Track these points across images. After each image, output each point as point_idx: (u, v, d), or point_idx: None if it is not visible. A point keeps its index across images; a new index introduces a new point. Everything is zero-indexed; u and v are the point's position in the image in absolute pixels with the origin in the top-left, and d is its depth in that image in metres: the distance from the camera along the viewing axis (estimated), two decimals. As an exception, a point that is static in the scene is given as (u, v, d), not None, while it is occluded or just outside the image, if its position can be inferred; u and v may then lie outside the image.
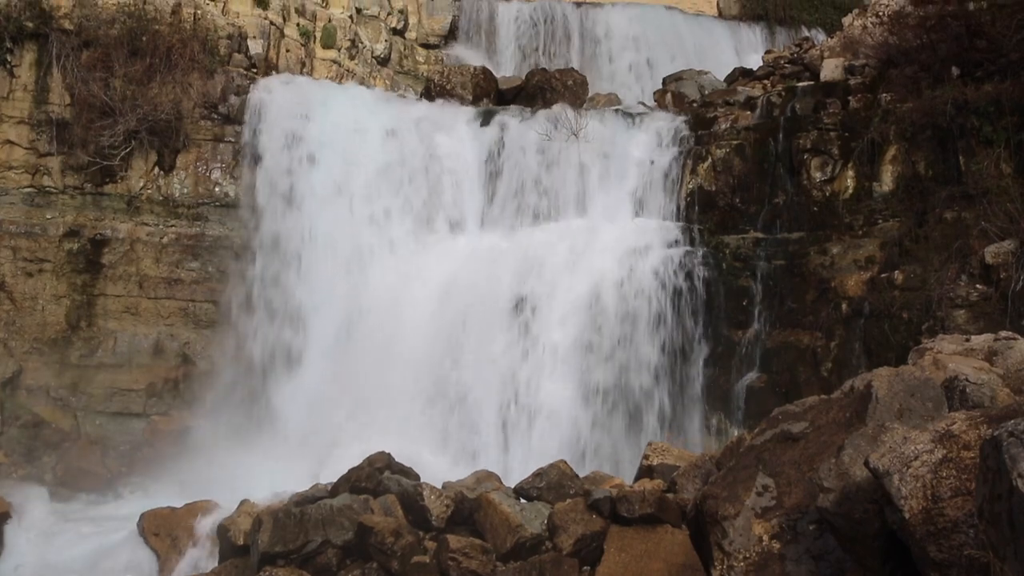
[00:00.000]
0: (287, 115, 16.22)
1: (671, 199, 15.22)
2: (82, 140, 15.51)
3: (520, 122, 16.16)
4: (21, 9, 15.45)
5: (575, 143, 15.73)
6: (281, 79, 17.15)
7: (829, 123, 14.21)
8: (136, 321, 15.65)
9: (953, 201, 12.65)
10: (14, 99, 15.61)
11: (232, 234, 15.87)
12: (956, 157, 12.95)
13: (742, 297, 14.23)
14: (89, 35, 15.73)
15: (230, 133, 16.17)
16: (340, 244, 15.72)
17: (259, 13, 18.50)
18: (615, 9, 24.37)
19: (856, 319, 13.10)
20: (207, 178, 16.03)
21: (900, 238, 13.08)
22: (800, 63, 16.75)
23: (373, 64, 21.53)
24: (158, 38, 15.95)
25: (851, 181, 13.94)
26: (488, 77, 19.78)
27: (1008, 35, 12.40)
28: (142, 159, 15.85)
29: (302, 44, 19.66)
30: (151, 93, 15.73)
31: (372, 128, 16.35)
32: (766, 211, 14.53)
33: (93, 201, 15.80)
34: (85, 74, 15.51)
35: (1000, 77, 12.63)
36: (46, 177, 15.70)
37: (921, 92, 13.30)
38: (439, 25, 23.26)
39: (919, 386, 7.08)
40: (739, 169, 14.77)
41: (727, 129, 15.23)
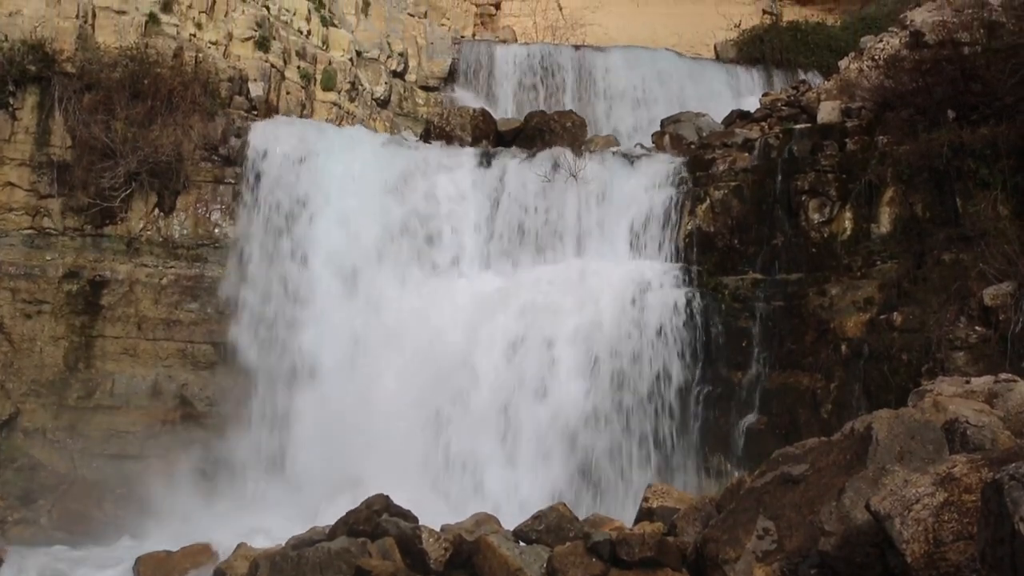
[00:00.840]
0: (287, 156, 16.28)
1: (670, 240, 15.26)
2: (83, 182, 15.55)
3: (519, 163, 16.23)
4: (24, 53, 15.53)
5: (574, 184, 15.81)
6: (281, 121, 17.26)
7: (827, 165, 14.28)
8: (134, 363, 15.61)
9: (951, 243, 12.69)
10: (15, 142, 15.67)
11: (232, 275, 15.86)
12: (953, 199, 13.00)
13: (741, 338, 14.21)
14: (91, 78, 15.81)
15: (230, 175, 16.23)
16: (339, 284, 15.72)
17: (260, 56, 18.65)
18: (613, 52, 24.59)
19: (856, 361, 13.07)
20: (207, 219, 16.07)
21: (899, 280, 13.09)
22: (797, 106, 16.86)
23: (373, 106, 21.69)
24: (160, 81, 16.05)
25: (849, 223, 13.99)
26: (487, 119, 19.89)
27: (1003, 79, 12.50)
28: (142, 200, 15.89)
29: (303, 86, 19.81)
30: (152, 135, 15.81)
31: (371, 169, 16.42)
32: (765, 252, 14.56)
33: (93, 243, 15.81)
34: (86, 117, 15.58)
35: (996, 120, 12.72)
36: (46, 219, 15.73)
37: (917, 135, 13.39)
38: (439, 68, 23.46)
39: (919, 428, 7.07)
40: (737, 210, 14.82)
41: (725, 171, 15.31)
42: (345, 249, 15.75)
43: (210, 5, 18.10)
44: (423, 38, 23.69)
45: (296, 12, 20.41)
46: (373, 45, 22.12)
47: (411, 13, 24.74)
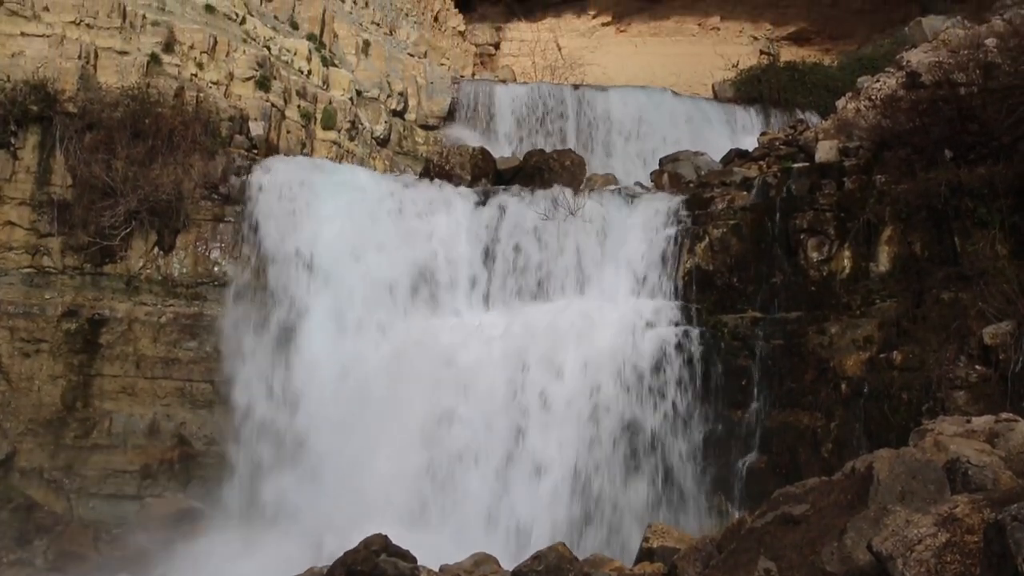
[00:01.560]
0: (287, 194, 16.32)
1: (669, 278, 15.27)
2: (83, 221, 15.59)
3: (519, 202, 16.28)
4: (26, 93, 15.62)
5: (573, 223, 15.84)
6: (281, 160, 17.32)
7: (825, 204, 14.32)
8: (132, 401, 15.56)
9: (950, 282, 12.70)
10: (16, 181, 15.73)
11: (230, 313, 15.84)
12: (952, 238, 13.02)
13: (741, 377, 14.19)
14: (92, 118, 15.90)
15: (230, 213, 16.27)
16: (338, 322, 15.70)
17: (261, 96, 18.76)
18: (612, 92, 24.76)
19: (856, 399, 13.04)
20: (206, 258, 16.08)
21: (898, 318, 13.08)
22: (795, 145, 16.93)
23: (373, 145, 21.80)
24: (160, 120, 16.14)
25: (848, 261, 14.00)
26: (486, 157, 20.00)
27: (999, 119, 12.56)
28: (142, 239, 15.92)
29: (303, 125, 19.91)
30: (152, 174, 15.86)
31: (371, 208, 16.45)
32: (764, 291, 14.57)
33: (92, 281, 15.82)
34: (87, 156, 15.66)
35: (993, 160, 12.76)
36: (46, 257, 15.74)
37: (915, 174, 13.43)
38: (438, 107, 23.61)
39: (921, 468, 7.03)
40: (736, 249, 14.84)
41: (724, 209, 15.35)
42: (340, 289, 15.73)
43: (211, 45, 18.23)
44: (423, 78, 23.85)
45: (297, 52, 20.57)
46: (373, 84, 22.27)
47: (411, 53, 24.96)
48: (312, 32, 21.57)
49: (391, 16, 25.98)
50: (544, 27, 35.15)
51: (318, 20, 21.82)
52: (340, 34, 22.72)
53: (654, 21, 36.13)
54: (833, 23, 35.73)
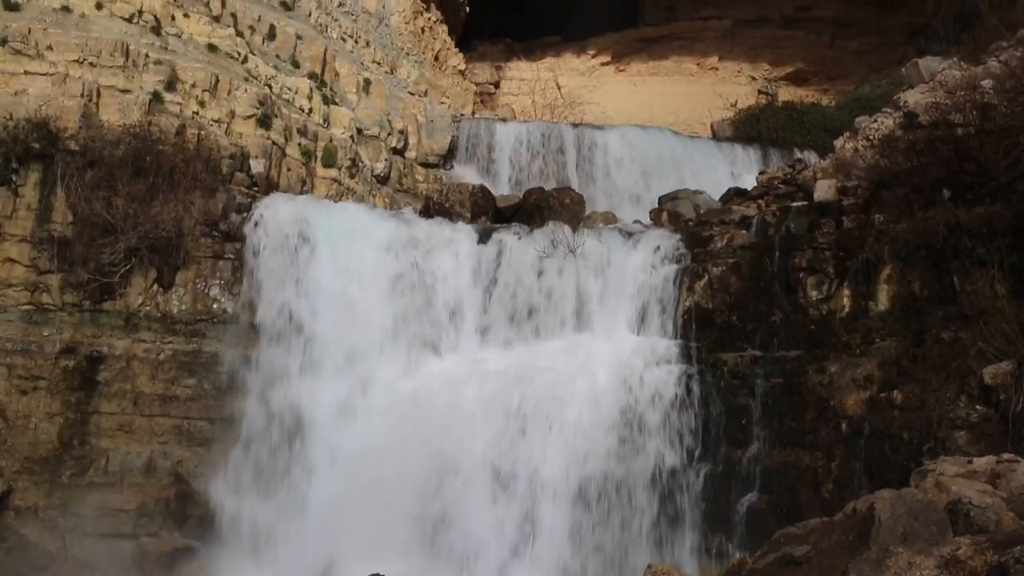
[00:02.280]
0: (287, 233, 16.35)
1: (669, 316, 15.27)
2: (83, 258, 15.59)
3: (518, 239, 16.32)
4: (28, 131, 15.68)
5: (573, 261, 15.87)
6: (282, 197, 17.37)
7: (824, 242, 14.36)
8: (129, 439, 15.47)
9: (949, 321, 12.71)
10: (17, 218, 15.73)
11: (229, 350, 15.82)
12: (951, 277, 13.04)
13: (741, 415, 14.16)
14: (94, 155, 15.94)
15: (230, 250, 16.29)
16: (336, 360, 15.68)
17: (262, 133, 18.85)
18: (612, 130, 24.88)
19: (856, 439, 13.00)
20: (206, 295, 16.09)
21: (898, 357, 13.07)
22: (794, 184, 17.00)
23: (373, 182, 21.87)
24: (162, 158, 16.20)
25: (847, 300, 14.01)
26: (486, 195, 20.10)
27: (996, 159, 12.63)
28: (142, 276, 15.92)
29: (303, 163, 19.99)
30: (153, 211, 15.90)
31: (371, 245, 16.50)
32: (763, 329, 14.56)
33: (91, 318, 15.78)
34: (88, 193, 15.69)
35: (990, 200, 12.82)
36: (45, 295, 15.72)
37: (913, 213, 13.49)
38: (438, 145, 23.71)
39: (922, 509, 7.00)
40: (736, 287, 14.86)
41: (723, 247, 15.38)
42: (337, 326, 15.73)
43: (213, 84, 18.35)
44: (423, 116, 23.98)
45: (298, 91, 20.70)
46: (374, 123, 22.38)
47: (411, 92, 25.11)
48: (313, 71, 21.72)
49: (392, 55, 26.17)
50: (544, 66, 35.43)
51: (319, 59, 21.98)
52: (341, 73, 22.87)
53: (653, 61, 36.43)
54: (830, 64, 36.04)
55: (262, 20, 21.25)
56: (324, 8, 24.01)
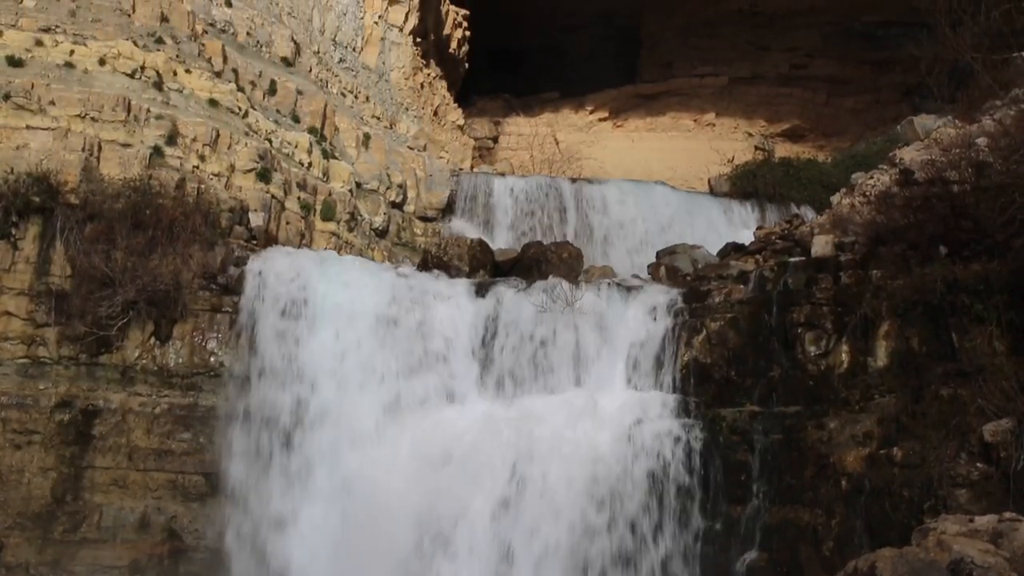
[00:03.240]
0: (285, 285, 16.37)
1: (667, 371, 15.23)
2: (80, 311, 15.57)
3: (516, 293, 16.31)
4: (29, 185, 15.76)
5: (571, 315, 15.85)
6: (280, 251, 17.42)
7: (822, 298, 14.37)
8: (123, 494, 15.33)
9: (948, 378, 12.68)
10: (15, 271, 15.75)
11: (225, 404, 15.75)
12: (949, 334, 13.03)
13: (740, 472, 14.05)
14: (94, 209, 16.01)
15: (228, 303, 16.29)
16: (334, 413, 15.60)
17: (261, 187, 18.95)
18: (609, 185, 25.04)
19: (856, 496, 12.90)
20: (203, 348, 16.06)
21: (897, 414, 13.02)
22: (791, 239, 17.06)
23: (371, 236, 21.94)
24: (161, 211, 16.27)
25: (846, 356, 13.98)
26: (484, 249, 20.12)
27: (992, 217, 12.68)
28: (139, 329, 15.89)
29: (302, 216, 20.07)
30: (151, 264, 15.92)
31: (368, 299, 16.48)
32: (762, 384, 14.51)
33: (87, 372, 15.72)
34: (87, 246, 15.72)
35: (987, 257, 12.85)
36: (41, 348, 15.68)
37: (911, 269, 13.51)
38: (437, 199, 23.83)
39: (924, 568, 6.95)
40: (734, 342, 14.84)
41: (721, 302, 15.38)
42: (332, 380, 15.69)
43: (214, 138, 18.49)
44: (422, 170, 24.14)
45: (298, 145, 20.85)
46: (373, 177, 22.51)
47: (411, 146, 25.32)
48: (313, 125, 21.90)
49: (391, 110, 26.42)
50: (542, 122, 35.78)
51: (319, 114, 22.17)
52: (341, 127, 23.06)
53: (650, 117, 36.83)
54: (826, 121, 36.45)
55: (263, 76, 21.48)
56: (325, 64, 24.29)
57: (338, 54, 25.41)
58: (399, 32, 27.33)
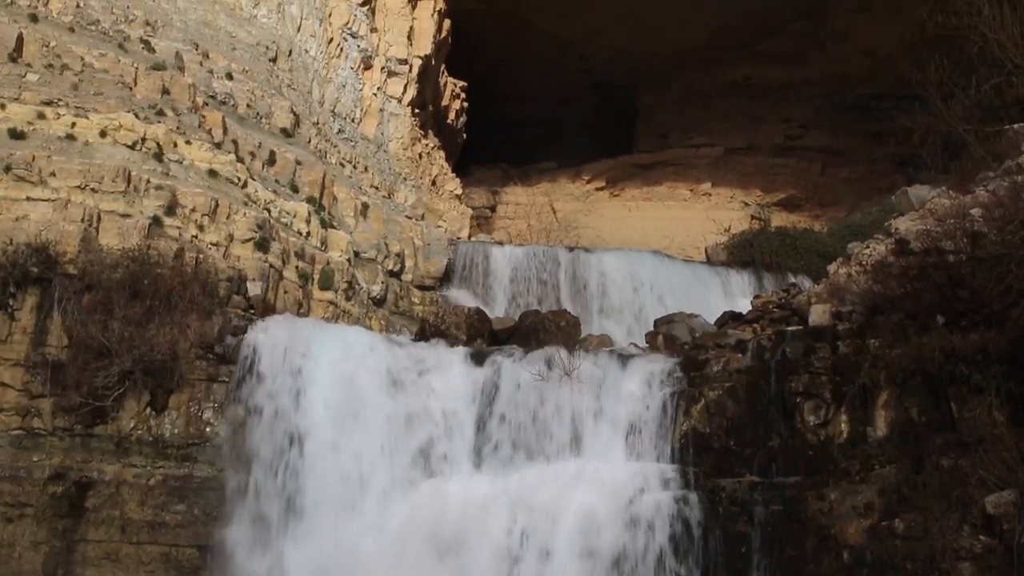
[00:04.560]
0: (283, 355, 16.32)
1: (665, 441, 15.15)
2: (76, 381, 15.47)
3: (514, 362, 16.28)
4: (28, 256, 15.78)
5: (568, 384, 15.80)
6: (277, 320, 17.38)
7: (820, 367, 14.36)
8: (116, 568, 15.05)
9: (949, 448, 12.63)
10: (12, 342, 15.69)
11: (221, 475, 15.60)
12: (948, 404, 13.02)
13: (740, 544, 13.90)
14: (92, 279, 16.01)
15: (224, 373, 16.21)
16: (332, 487, 15.44)
17: (259, 256, 19.01)
18: (606, 254, 25.15)
19: (859, 569, 12.77)
20: (199, 418, 15.94)
21: (898, 485, 12.93)
22: (788, 308, 17.09)
23: (369, 305, 21.95)
24: (160, 281, 16.28)
25: (845, 426, 13.94)
26: (482, 318, 20.14)
27: (989, 287, 12.74)
28: (135, 399, 15.78)
29: (300, 286, 20.10)
30: (148, 334, 15.87)
31: (366, 368, 16.44)
32: (761, 454, 14.43)
33: (82, 443, 15.56)
34: (85, 316, 15.69)
35: (985, 326, 12.89)
36: (36, 419, 15.55)
37: (909, 339, 13.53)
38: (435, 268, 23.90)
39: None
40: (732, 411, 14.78)
41: (719, 371, 15.37)
42: (330, 451, 15.57)
43: (213, 208, 18.59)
44: (420, 239, 24.25)
45: (296, 214, 20.96)
46: (371, 246, 22.60)
47: (409, 215, 25.47)
48: (312, 195, 22.04)
49: (390, 180, 26.63)
50: (539, 191, 36.08)
51: (318, 184, 22.33)
52: (339, 197, 23.22)
53: (647, 186, 37.16)
54: (822, 191, 36.80)
55: (262, 146, 21.68)
56: (324, 135, 24.54)
57: (337, 125, 25.69)
58: (398, 103, 27.67)
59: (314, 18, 25.77)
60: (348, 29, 26.47)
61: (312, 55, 25.57)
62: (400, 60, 27.61)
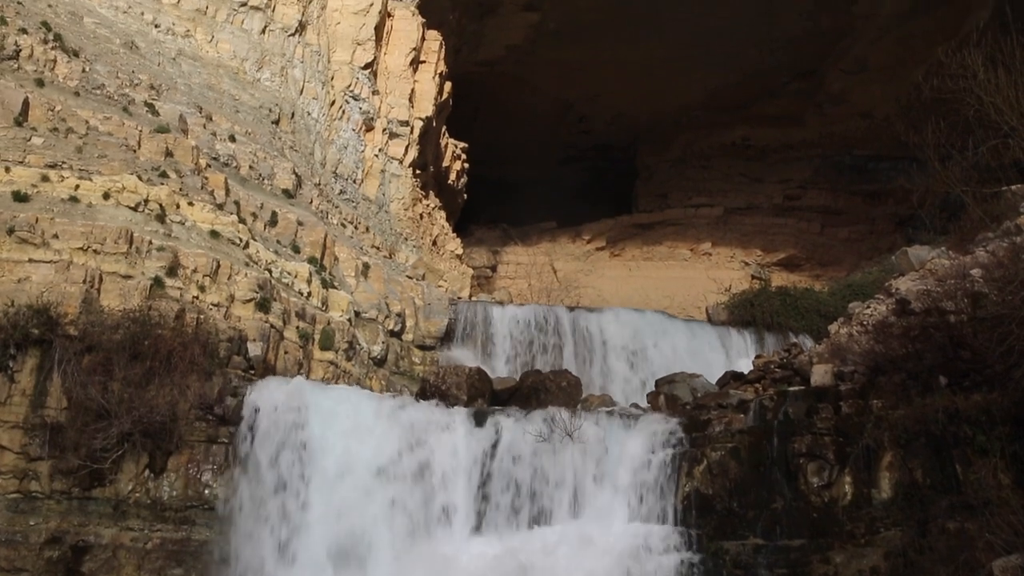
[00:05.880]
0: (282, 416, 16.24)
1: (668, 502, 15.03)
2: (75, 443, 15.35)
3: (515, 423, 16.21)
4: (29, 317, 15.75)
5: (570, 444, 15.72)
6: (277, 380, 17.32)
7: (823, 428, 14.31)
8: (112, 634, 14.90)
9: (955, 511, 12.54)
10: (11, 404, 15.60)
11: (219, 538, 15.43)
12: (953, 465, 12.96)
13: (745, 609, 13.72)
14: (92, 340, 15.97)
15: (224, 434, 16.11)
16: (333, 547, 15.28)
17: (260, 317, 19.00)
18: (607, 313, 25.17)
19: (867, 635, 12.58)
20: (197, 480, 15.81)
21: (904, 548, 12.81)
22: (790, 368, 17.07)
23: (370, 365, 21.90)
24: (160, 342, 16.23)
25: (849, 487, 13.85)
26: (483, 378, 20.08)
27: (990, 347, 12.73)
28: (133, 462, 15.65)
29: (301, 346, 20.06)
30: (148, 395, 15.80)
31: (366, 430, 16.36)
32: (765, 516, 14.31)
33: (79, 506, 15.40)
34: (84, 378, 15.62)
35: (987, 387, 12.87)
36: (34, 482, 15.41)
37: (911, 399, 13.50)
38: (435, 327, 23.88)
39: None
40: (735, 472, 14.69)
41: (721, 432, 15.31)
42: (329, 513, 15.43)
43: (214, 269, 18.63)
44: (421, 299, 24.26)
45: (297, 275, 21.00)
46: (371, 306, 22.61)
47: (409, 275, 25.51)
48: (313, 255, 22.11)
49: (391, 240, 26.74)
50: (540, 251, 36.24)
51: (319, 244, 22.41)
52: (340, 257, 23.29)
53: (647, 246, 37.35)
54: (821, 250, 37.00)
55: (264, 207, 21.80)
56: (326, 195, 24.70)
57: (339, 186, 25.87)
58: (399, 164, 27.90)
59: (317, 81, 26.09)
60: (350, 91, 26.80)
61: (314, 117, 25.84)
62: (402, 122, 27.89)
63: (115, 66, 21.71)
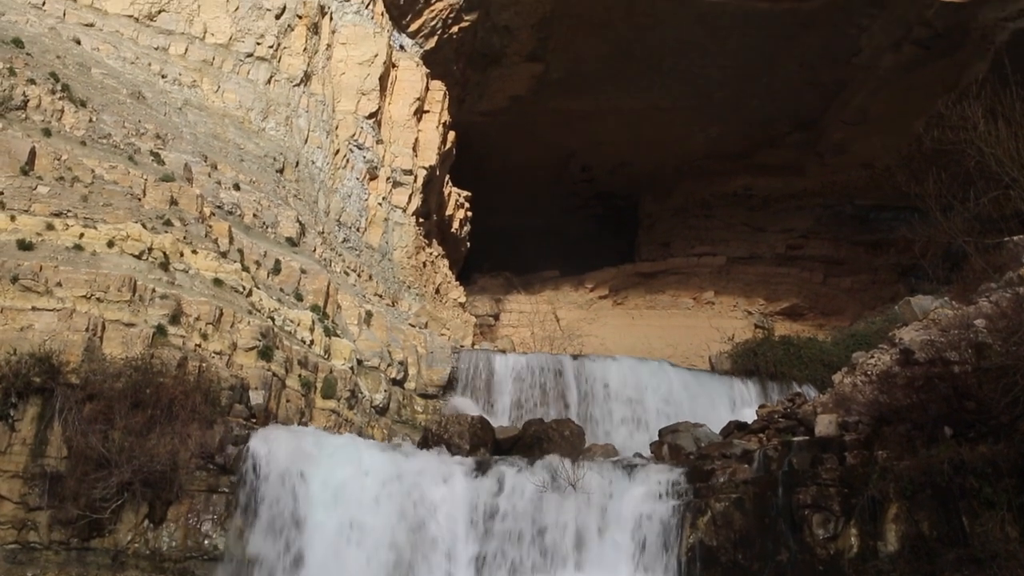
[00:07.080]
0: (284, 466, 16.15)
1: (672, 553, 14.90)
2: (74, 493, 15.22)
3: (517, 472, 16.13)
4: (31, 366, 15.72)
5: (572, 494, 15.62)
6: (279, 429, 17.25)
7: (828, 479, 14.21)
8: None
9: (962, 564, 12.40)
10: (11, 453, 15.48)
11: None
12: (959, 518, 12.84)
13: (752, 665, 13.53)
14: (94, 389, 15.91)
15: (224, 483, 16.00)
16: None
17: (262, 365, 18.96)
18: (611, 362, 25.11)
19: None
20: (197, 530, 15.67)
21: (912, 602, 12.67)
22: (794, 417, 17.00)
23: (372, 413, 21.82)
24: (161, 390, 16.17)
25: (855, 539, 13.71)
26: (485, 427, 19.98)
27: (995, 398, 12.70)
28: (133, 511, 15.52)
29: (303, 394, 20.00)
30: (149, 444, 15.70)
31: (368, 479, 16.26)
32: (770, 568, 14.17)
33: (77, 557, 15.23)
34: (85, 427, 15.53)
35: (993, 438, 12.80)
36: (32, 532, 15.26)
37: (917, 450, 13.43)
38: (438, 376, 23.83)
39: None
40: (739, 523, 14.56)
41: (725, 482, 15.20)
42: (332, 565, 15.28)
43: (217, 317, 18.63)
44: (423, 347, 24.23)
45: (300, 323, 21.00)
46: (374, 354, 22.58)
47: (412, 324, 25.50)
48: (316, 304, 22.12)
49: (394, 288, 26.76)
50: (543, 299, 36.26)
51: (323, 292, 22.43)
52: (343, 305, 23.29)
53: (650, 295, 37.39)
54: (824, 300, 37.02)
55: (268, 256, 21.86)
56: (329, 244, 24.76)
57: (342, 234, 25.95)
58: (402, 213, 28.01)
59: (321, 130, 26.28)
60: (354, 141, 26.98)
61: (319, 166, 26.00)
62: (405, 171, 28.04)
63: (122, 116, 21.88)
